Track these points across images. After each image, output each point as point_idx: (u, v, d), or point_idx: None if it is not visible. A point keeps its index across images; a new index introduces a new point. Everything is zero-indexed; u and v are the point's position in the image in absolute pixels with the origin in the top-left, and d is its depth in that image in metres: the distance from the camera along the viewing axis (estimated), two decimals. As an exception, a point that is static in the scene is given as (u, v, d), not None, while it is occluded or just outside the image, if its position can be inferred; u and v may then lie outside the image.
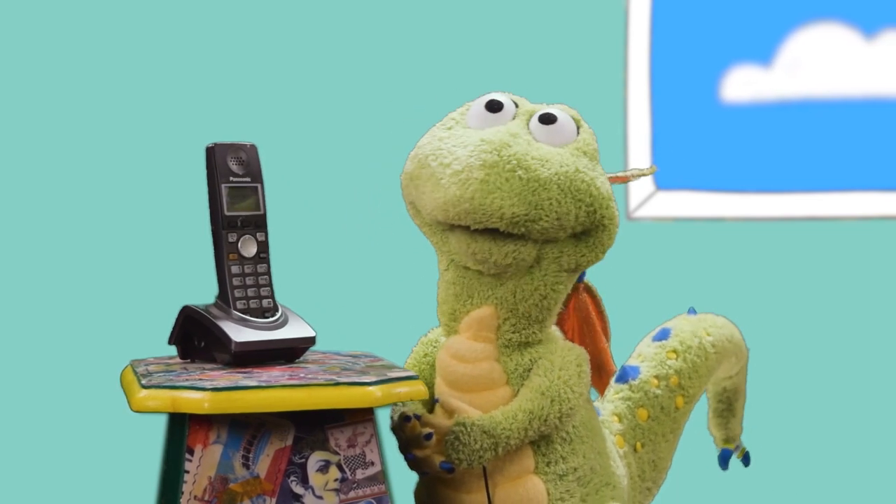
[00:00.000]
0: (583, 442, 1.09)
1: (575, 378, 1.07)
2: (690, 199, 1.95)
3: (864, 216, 1.92)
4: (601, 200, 1.04)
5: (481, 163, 1.00)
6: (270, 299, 1.09)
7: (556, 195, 1.01)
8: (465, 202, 1.00)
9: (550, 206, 1.01)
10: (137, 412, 0.98)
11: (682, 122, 1.95)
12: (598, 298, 1.15)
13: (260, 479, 0.97)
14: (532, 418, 1.04)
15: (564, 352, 1.09)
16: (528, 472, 1.07)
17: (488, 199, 1.00)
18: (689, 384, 1.24)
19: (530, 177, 1.01)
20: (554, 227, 1.02)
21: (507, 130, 1.04)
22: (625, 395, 1.22)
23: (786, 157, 1.94)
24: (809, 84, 1.92)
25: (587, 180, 1.03)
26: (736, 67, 1.94)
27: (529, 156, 1.02)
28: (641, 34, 1.95)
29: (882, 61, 1.90)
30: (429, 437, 1.02)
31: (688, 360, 1.25)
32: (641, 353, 1.26)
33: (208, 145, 1.09)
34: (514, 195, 1.00)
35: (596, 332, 1.14)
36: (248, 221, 1.10)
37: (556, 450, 1.08)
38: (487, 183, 1.00)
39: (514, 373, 1.07)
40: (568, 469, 1.08)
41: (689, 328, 1.27)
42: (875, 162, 1.92)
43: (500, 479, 1.06)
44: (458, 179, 1.01)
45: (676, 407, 1.23)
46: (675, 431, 1.24)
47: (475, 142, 1.02)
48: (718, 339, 1.28)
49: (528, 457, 1.07)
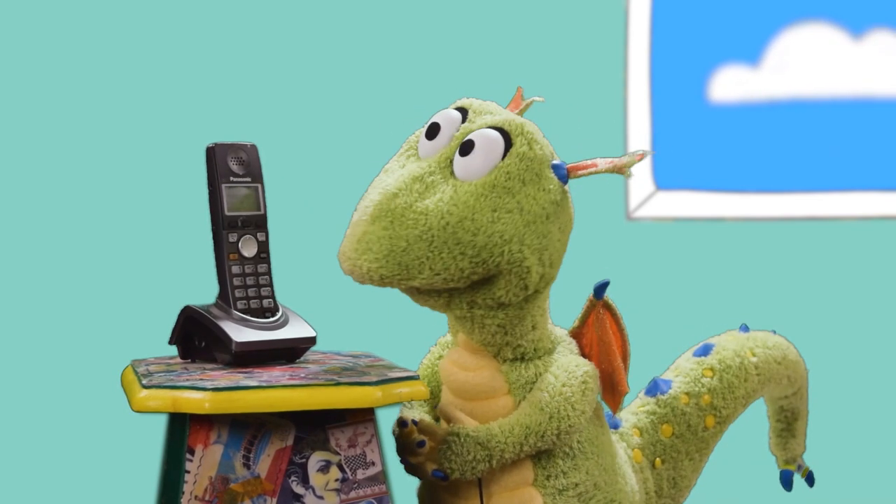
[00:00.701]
0: (587, 458, 1.08)
1: (578, 396, 1.05)
2: (690, 199, 1.95)
3: (864, 216, 1.92)
4: (491, 247, 0.99)
5: (365, 218, 0.98)
6: (271, 299, 1.09)
7: (427, 253, 0.98)
8: (346, 259, 0.99)
9: (421, 264, 0.97)
10: (138, 412, 0.98)
11: (681, 121, 1.96)
12: (619, 317, 1.12)
13: (261, 479, 0.97)
14: (529, 433, 1.03)
15: (571, 368, 1.06)
16: (526, 484, 1.05)
17: (361, 258, 0.98)
18: (722, 404, 1.21)
19: (399, 235, 0.97)
20: (436, 281, 0.99)
21: (412, 173, 1.00)
22: (650, 408, 1.19)
23: (785, 157, 1.94)
24: (798, 84, 1.92)
25: (473, 228, 0.98)
26: (724, 67, 1.94)
27: (410, 209, 0.98)
28: (641, 34, 1.95)
29: (869, 61, 1.90)
30: (421, 445, 1.02)
31: (724, 379, 1.21)
32: (678, 368, 1.23)
33: (208, 145, 1.09)
34: (382, 257, 0.97)
35: (612, 351, 1.11)
36: (249, 221, 1.10)
37: (557, 464, 1.06)
38: (362, 242, 0.98)
39: (517, 383, 1.06)
40: (569, 484, 1.06)
41: (733, 346, 1.24)
42: (873, 162, 1.92)
43: (496, 488, 1.05)
44: (347, 234, 1.00)
45: (706, 427, 1.20)
46: (701, 451, 1.21)
47: (375, 187, 1.00)
48: (764, 361, 1.24)
49: (527, 469, 1.05)
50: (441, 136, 1.03)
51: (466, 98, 1.06)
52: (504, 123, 1.02)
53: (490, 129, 1.01)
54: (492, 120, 1.03)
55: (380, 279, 0.98)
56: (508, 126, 1.02)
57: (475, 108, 1.04)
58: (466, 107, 1.05)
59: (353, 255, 0.98)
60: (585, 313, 1.12)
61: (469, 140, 1.01)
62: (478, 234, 0.98)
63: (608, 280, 1.12)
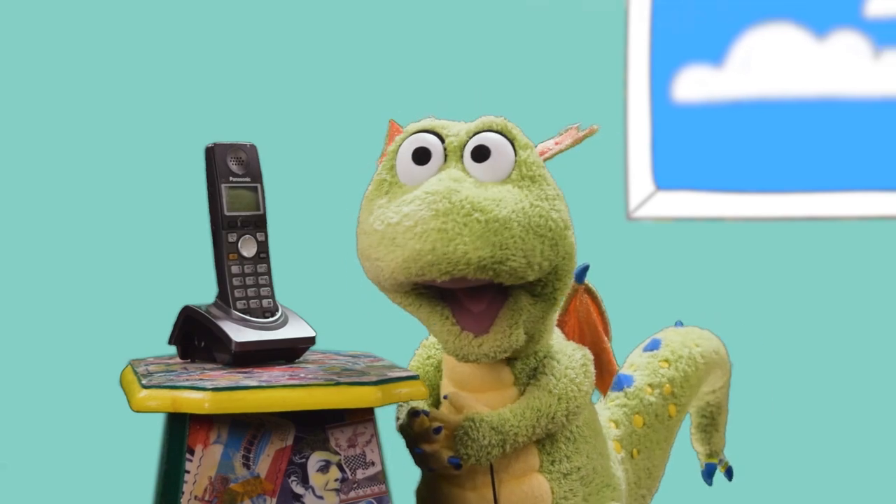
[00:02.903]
0: (586, 441, 1.10)
1: (581, 377, 1.08)
2: (690, 199, 1.95)
3: (864, 216, 1.92)
4: (559, 232, 1.00)
5: (434, 212, 0.96)
6: (270, 299, 1.09)
7: (519, 233, 0.97)
8: (427, 254, 0.96)
9: (515, 244, 0.97)
10: (138, 412, 0.98)
11: (681, 121, 1.96)
12: (599, 299, 1.15)
13: (260, 478, 0.97)
14: (540, 416, 1.05)
15: (570, 352, 1.09)
16: (532, 470, 1.07)
17: (450, 246, 0.96)
18: (681, 393, 1.25)
19: (489, 217, 0.96)
20: (522, 265, 0.98)
21: (449, 177, 0.99)
22: (621, 401, 1.22)
23: (785, 158, 1.94)
24: (763, 83, 1.93)
25: (543, 213, 0.99)
26: (687, 68, 1.94)
27: (482, 197, 0.97)
28: (642, 33, 1.95)
29: (833, 61, 1.90)
30: (438, 431, 1.02)
31: (679, 369, 1.25)
32: (634, 363, 1.26)
33: (208, 145, 1.09)
34: (476, 238, 0.96)
35: (597, 332, 1.14)
36: (248, 221, 1.09)
37: (560, 449, 1.08)
38: (446, 231, 0.96)
39: (522, 373, 1.07)
40: (572, 468, 1.08)
41: (678, 339, 1.28)
42: (872, 162, 1.92)
43: (504, 476, 1.06)
44: (413, 234, 0.96)
45: (669, 415, 1.24)
46: (668, 440, 1.25)
47: (420, 195, 0.98)
48: (707, 351, 1.29)
49: (533, 455, 1.07)
50: (434, 158, 1.02)
51: (417, 122, 1.06)
52: (491, 124, 1.03)
53: (488, 133, 1.02)
54: (476, 125, 1.03)
55: (477, 262, 0.96)
56: (496, 125, 1.03)
57: (440, 126, 1.04)
58: (429, 128, 1.04)
59: (437, 247, 0.96)
60: (567, 300, 1.14)
61: (481, 146, 1.01)
62: (548, 219, 0.99)
63: (588, 264, 1.13)
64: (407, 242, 0.97)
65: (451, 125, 1.05)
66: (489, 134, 1.02)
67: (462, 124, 1.04)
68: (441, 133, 1.03)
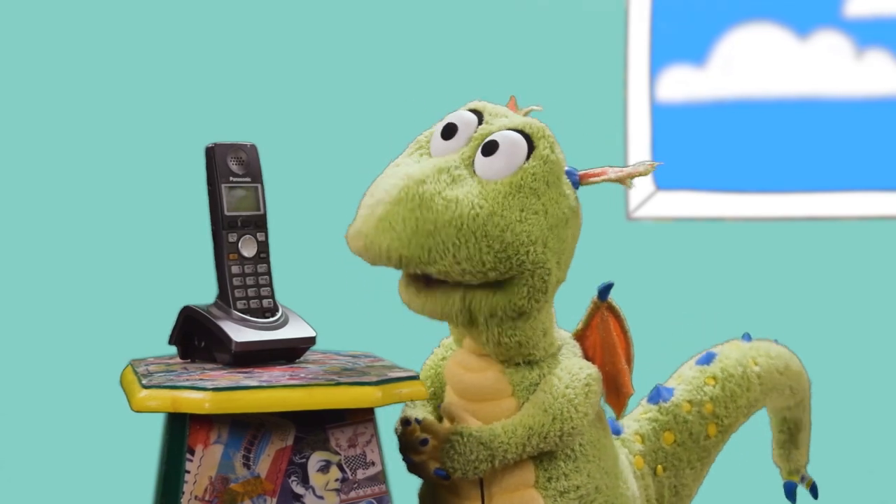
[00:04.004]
0: (588, 461, 1.07)
1: (581, 398, 1.05)
2: (690, 199, 1.95)
3: (864, 216, 1.92)
4: (517, 245, 0.99)
5: (389, 198, 0.97)
6: (271, 299, 1.09)
7: (453, 239, 0.97)
8: (361, 237, 0.97)
9: (445, 250, 0.97)
10: (138, 412, 0.97)
11: (681, 121, 1.96)
12: (623, 319, 1.12)
13: (261, 478, 0.97)
14: (531, 434, 1.03)
15: (575, 370, 1.07)
16: (527, 485, 1.05)
17: (380, 237, 0.96)
18: (724, 413, 1.20)
19: (426, 218, 0.97)
20: (454, 270, 0.98)
21: (437, 164, 1.00)
22: (652, 416, 1.19)
23: (785, 158, 1.94)
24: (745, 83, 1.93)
25: (502, 224, 0.98)
26: (669, 68, 1.95)
27: (440, 195, 0.97)
28: (642, 33, 1.95)
29: (815, 61, 1.91)
30: (424, 443, 1.02)
31: (727, 388, 1.21)
32: (681, 376, 1.22)
33: (208, 145, 1.09)
34: (406, 236, 0.96)
35: (616, 353, 1.11)
36: (248, 221, 1.09)
37: (558, 466, 1.06)
38: (384, 220, 0.96)
39: (520, 385, 1.06)
40: (570, 486, 1.06)
41: (735, 356, 1.23)
42: (872, 162, 1.92)
43: (497, 490, 1.05)
44: (362, 214, 0.98)
45: (708, 435, 1.20)
46: (703, 460, 1.21)
47: (398, 172, 0.99)
48: (767, 371, 1.24)
49: (528, 470, 1.05)
50: (458, 136, 1.03)
51: (479, 101, 1.07)
52: (526, 126, 1.03)
53: (512, 132, 1.02)
54: (512, 122, 1.03)
55: (398, 259, 0.97)
56: (530, 129, 1.02)
57: (489, 111, 1.05)
58: (480, 109, 1.05)
59: (371, 233, 0.97)
60: (589, 315, 1.12)
61: (493, 140, 1.01)
62: (506, 230, 0.98)
63: (612, 282, 1.12)
64: (356, 220, 0.98)
65: (502, 114, 1.05)
66: (513, 134, 1.02)
67: (512, 119, 1.04)
68: (484, 117, 1.04)
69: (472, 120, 1.04)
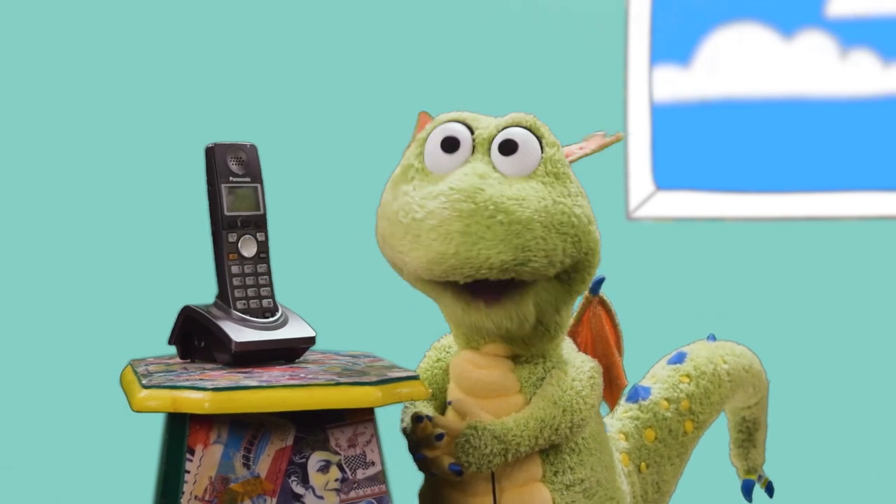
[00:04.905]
0: (591, 454, 1.09)
1: (588, 389, 1.07)
2: (690, 199, 1.95)
3: (864, 216, 1.92)
4: (582, 228, 1.01)
5: (458, 213, 0.97)
6: (270, 299, 1.09)
7: (541, 233, 0.98)
8: (450, 258, 0.97)
9: (537, 245, 0.98)
10: (138, 412, 0.97)
11: (680, 121, 1.96)
12: (613, 312, 1.14)
13: (260, 478, 0.97)
14: (543, 427, 1.04)
15: (578, 363, 1.09)
16: (535, 479, 1.06)
17: (473, 250, 0.96)
18: (699, 409, 1.23)
19: (511, 219, 0.97)
20: (544, 265, 0.99)
21: (475, 172, 1.00)
22: (633, 414, 1.21)
23: (785, 158, 1.94)
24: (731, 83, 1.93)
25: (566, 210, 1.00)
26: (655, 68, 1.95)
27: (505, 197, 0.98)
28: (642, 33, 1.95)
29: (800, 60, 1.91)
30: (440, 438, 1.02)
31: (700, 385, 1.23)
32: (655, 375, 1.25)
33: (208, 145, 1.09)
34: (498, 242, 0.96)
35: (609, 345, 1.13)
36: (248, 221, 1.09)
37: (564, 460, 1.07)
38: (469, 234, 0.96)
39: (528, 381, 1.07)
40: (575, 480, 1.07)
41: (705, 354, 1.26)
42: (872, 162, 1.92)
43: (507, 484, 1.06)
44: (437, 234, 0.97)
45: (685, 431, 1.22)
46: (681, 456, 1.23)
47: (445, 191, 0.98)
48: (734, 368, 1.26)
49: (535, 465, 1.06)
50: (462, 148, 1.03)
51: (455, 112, 1.06)
52: (521, 121, 1.04)
53: (517, 129, 1.03)
54: (506, 120, 1.04)
55: (500, 265, 0.97)
56: (526, 122, 1.04)
57: (468, 118, 1.05)
58: (459, 119, 1.05)
59: (461, 251, 0.96)
60: (581, 310, 1.14)
61: (510, 140, 1.02)
62: (571, 216, 1.00)
63: (604, 276, 1.13)
64: (431, 243, 0.97)
65: (481, 118, 1.05)
66: (518, 129, 1.03)
67: (491, 118, 1.05)
68: (471, 124, 1.04)
69: (463, 129, 1.04)
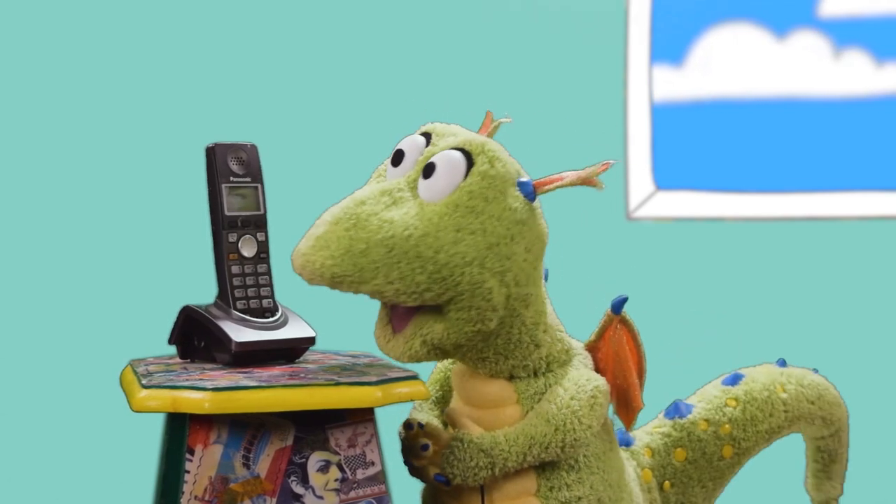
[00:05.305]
0: (592, 473, 1.07)
1: (586, 410, 1.05)
2: (690, 199, 1.95)
3: (864, 216, 1.92)
4: (454, 267, 0.98)
5: (330, 218, 0.99)
6: (270, 299, 1.09)
7: (385, 259, 0.97)
8: (300, 256, 0.98)
9: (377, 269, 0.97)
10: (138, 412, 0.98)
11: (680, 121, 1.96)
12: (636, 332, 1.11)
13: (260, 478, 0.97)
14: (532, 444, 1.03)
15: (581, 382, 1.06)
16: (528, 493, 1.05)
17: (316, 255, 0.97)
18: (742, 436, 1.19)
19: (359, 237, 0.97)
20: (388, 290, 0.98)
21: (382, 187, 1.01)
22: (666, 431, 1.18)
23: (784, 157, 1.94)
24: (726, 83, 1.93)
25: (436, 245, 0.98)
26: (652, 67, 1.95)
27: (376, 216, 0.98)
28: (642, 33, 1.95)
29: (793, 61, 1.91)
30: (425, 448, 1.02)
31: (748, 411, 1.20)
32: (703, 393, 1.21)
33: (208, 145, 1.09)
34: (339, 254, 0.97)
35: (627, 367, 1.10)
36: (248, 221, 1.10)
37: (561, 476, 1.06)
38: (322, 239, 0.98)
39: (525, 393, 1.06)
40: (571, 497, 1.05)
41: (763, 380, 1.22)
42: (872, 162, 1.92)
43: (497, 496, 1.05)
44: (308, 233, 0.99)
45: (722, 456, 1.19)
46: (715, 480, 1.19)
47: (349, 197, 1.01)
48: (795, 399, 1.23)
49: (530, 479, 1.05)
50: (406, 161, 1.03)
51: (430, 123, 1.06)
52: (465, 143, 1.02)
53: (451, 151, 1.01)
54: (453, 141, 1.03)
55: (331, 277, 0.98)
56: (469, 146, 1.01)
57: (438, 132, 1.04)
58: (430, 131, 1.05)
59: (307, 252, 0.98)
60: (602, 328, 1.11)
61: (430, 163, 1.01)
62: (440, 251, 0.98)
63: (626, 296, 1.11)
64: (303, 238, 0.99)
65: (448, 134, 1.04)
66: (452, 153, 1.01)
67: (456, 137, 1.03)
68: (431, 139, 1.04)
69: (420, 143, 1.04)
